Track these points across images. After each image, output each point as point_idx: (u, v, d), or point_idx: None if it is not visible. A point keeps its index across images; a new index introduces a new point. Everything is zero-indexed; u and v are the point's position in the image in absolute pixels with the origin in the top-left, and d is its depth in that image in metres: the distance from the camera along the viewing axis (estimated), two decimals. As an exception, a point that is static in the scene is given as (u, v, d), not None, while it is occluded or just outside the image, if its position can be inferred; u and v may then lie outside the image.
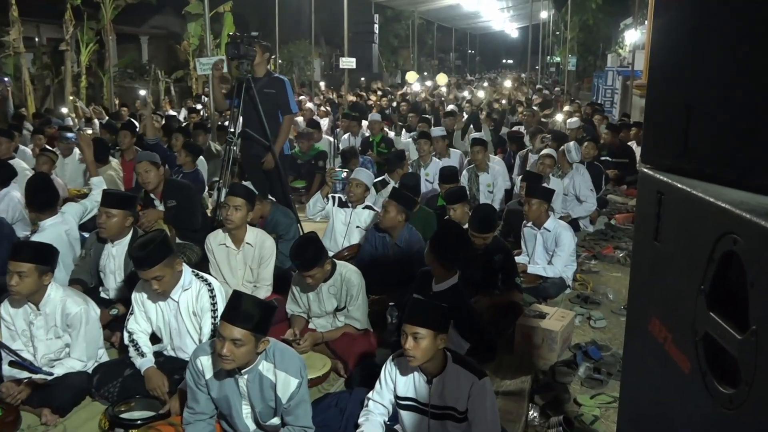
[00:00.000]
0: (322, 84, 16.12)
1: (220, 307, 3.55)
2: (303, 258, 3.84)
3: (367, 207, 5.82)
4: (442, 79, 19.23)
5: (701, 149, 1.24)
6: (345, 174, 5.85)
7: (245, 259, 4.55)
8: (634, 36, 16.67)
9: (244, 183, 5.20)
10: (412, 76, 20.21)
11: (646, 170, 1.39)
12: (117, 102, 15.26)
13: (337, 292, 4.03)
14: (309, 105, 13.78)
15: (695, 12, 1.27)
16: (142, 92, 17.60)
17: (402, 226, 4.96)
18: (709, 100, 1.22)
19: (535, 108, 13.12)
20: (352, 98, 16.75)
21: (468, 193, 7.12)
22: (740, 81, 1.12)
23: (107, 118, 11.65)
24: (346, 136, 10.55)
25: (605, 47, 32.80)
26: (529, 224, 5.52)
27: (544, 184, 6.34)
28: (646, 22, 15.67)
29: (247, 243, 4.54)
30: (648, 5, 13.57)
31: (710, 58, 1.22)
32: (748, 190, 1.10)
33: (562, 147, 7.39)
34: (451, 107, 12.88)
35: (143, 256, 3.35)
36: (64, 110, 14.49)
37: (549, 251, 5.42)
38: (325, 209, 5.90)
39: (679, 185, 1.23)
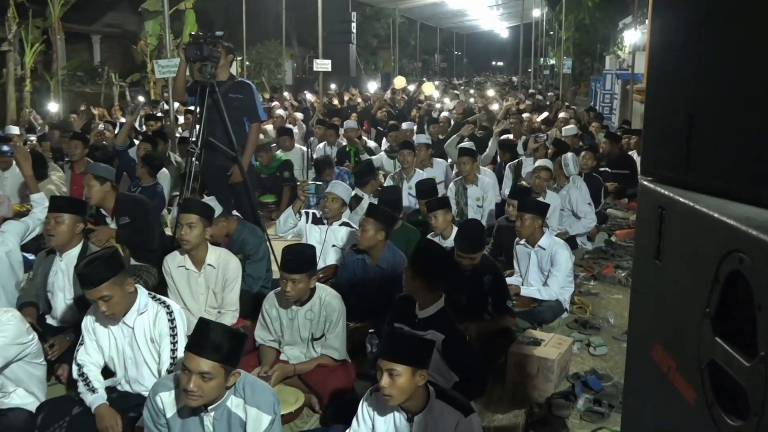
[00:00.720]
0: (307, 94, 16.17)
1: (181, 332, 3.53)
2: (296, 256, 3.84)
3: (345, 224, 5.83)
4: (428, 88, 19.19)
5: (705, 161, 1.26)
6: (320, 186, 5.87)
7: (207, 282, 4.52)
8: (633, 36, 16.96)
9: (205, 197, 5.18)
10: (400, 82, 20.16)
11: (646, 183, 1.41)
12: (62, 108, 15.12)
13: (315, 317, 4.01)
14: (280, 112, 13.80)
15: (698, 11, 1.29)
16: (141, 98, 17.58)
17: (383, 245, 4.97)
18: (713, 107, 1.24)
19: (526, 114, 13.22)
20: (336, 102, 16.86)
21: (456, 207, 7.18)
22: (746, 87, 1.14)
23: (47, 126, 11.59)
24: (321, 145, 10.58)
25: (603, 48, 33.31)
26: (522, 242, 5.56)
27: (540, 199, 6.40)
28: (646, 21, 15.97)
29: (208, 264, 4.51)
30: (648, 3, 13.84)
31: (714, 62, 1.24)
32: (756, 205, 1.11)
33: (559, 158, 7.47)
34: (444, 114, 12.95)
35: (88, 273, 3.32)
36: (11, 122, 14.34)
37: (544, 271, 5.45)
38: (298, 226, 5.89)
39: (681, 199, 1.25)
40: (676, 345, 1.24)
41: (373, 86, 20.28)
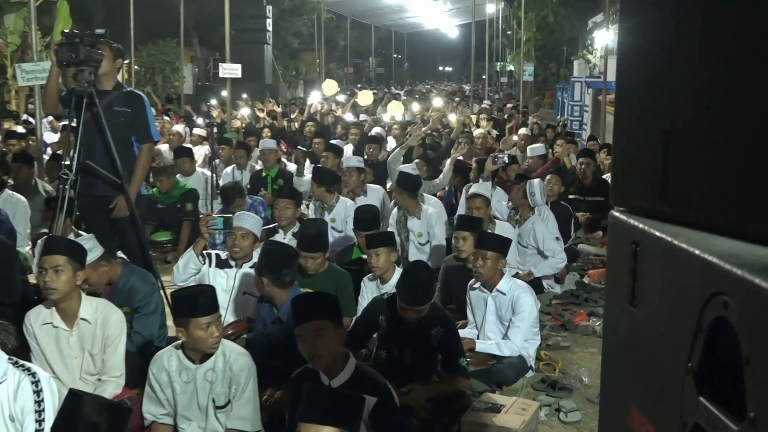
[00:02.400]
0: (213, 101, 16.07)
1: (49, 407, 3.43)
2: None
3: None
4: (365, 97, 19.28)
5: (685, 188, 1.30)
6: (229, 220, 5.81)
7: (82, 342, 4.41)
8: (605, 38, 17.44)
9: (81, 235, 5.07)
10: (330, 87, 20.15)
11: (617, 215, 1.44)
12: None
13: (217, 379, 3.96)
14: (177, 128, 13.68)
15: (676, 6, 1.32)
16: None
17: (291, 289, 4.96)
18: (693, 123, 1.26)
19: (480, 131, 13.44)
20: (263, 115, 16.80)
21: (396, 240, 7.23)
22: (733, 99, 1.17)
23: None
24: (229, 169, 10.52)
25: (570, 52, 34.31)
26: (477, 285, 5.63)
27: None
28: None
29: (82, 319, 4.41)
30: (621, -1, 14.30)
31: (694, 70, 1.26)
32: (742, 240, 1.15)
33: (523, 185, 7.57)
34: (376, 130, 13.04)
35: None
36: None
37: (504, 321, 5.52)
38: (201, 271, 5.83)
39: (657, 233, 1.28)
40: (655, 407, 1.26)
41: (315, 96, 20.21)
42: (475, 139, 12.50)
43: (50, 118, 12.57)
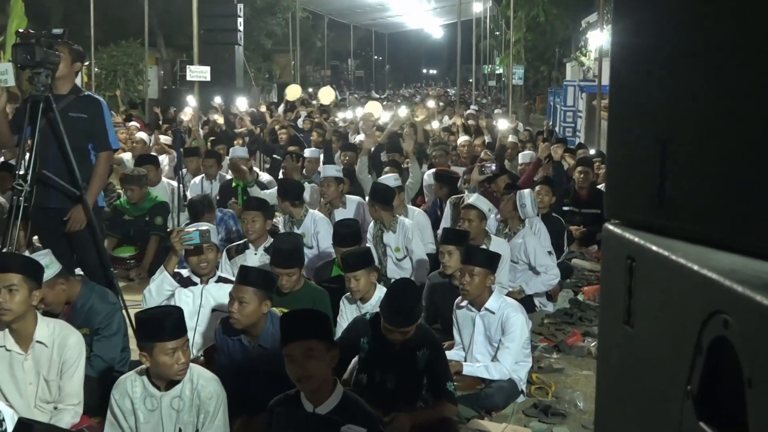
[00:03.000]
0: (188, 109, 15.98)
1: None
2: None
3: (222, 279, 5.83)
4: (327, 95, 19.26)
5: (682, 199, 1.31)
6: (205, 233, 5.75)
7: (37, 366, 4.38)
8: (600, 39, 17.62)
9: (38, 250, 5.05)
10: (293, 92, 20.13)
11: (611, 228, 1.45)
12: None
13: (185, 407, 3.94)
14: (141, 135, 13.64)
15: (672, 9, 1.33)
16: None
17: (265, 318, 4.88)
18: (690, 131, 1.27)
19: (464, 138, 13.45)
20: (218, 119, 16.73)
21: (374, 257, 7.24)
22: (733, 108, 1.18)
23: None
24: (197, 179, 10.48)
25: (563, 53, 34.50)
26: (464, 303, 5.63)
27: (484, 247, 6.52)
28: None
29: (38, 342, 4.38)
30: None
31: (692, 75, 1.27)
32: (744, 254, 1.15)
33: (512, 195, 7.60)
34: (359, 138, 13.03)
35: None
36: None
37: (493, 342, 5.53)
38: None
39: (654, 248, 1.29)
40: (653, 434, 1.27)
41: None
42: (459, 147, 12.52)
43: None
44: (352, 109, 20.70)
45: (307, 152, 11.36)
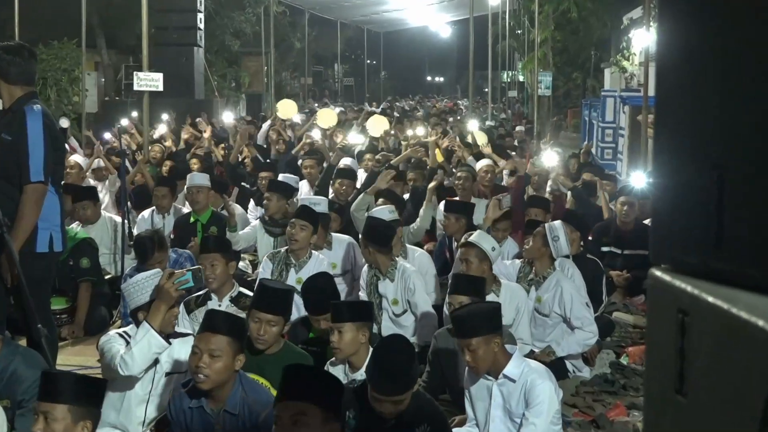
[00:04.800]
0: (124, 121, 15.98)
1: None
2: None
3: (178, 335, 5.84)
4: (327, 118, 18.94)
5: (745, 238, 1.30)
6: (198, 273, 5.72)
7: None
8: (646, 39, 17.64)
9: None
10: (287, 109, 19.90)
11: (658, 275, 1.46)
12: None
13: None
14: (77, 158, 13.65)
15: (733, 8, 1.33)
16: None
17: (235, 378, 4.92)
18: (754, 157, 1.28)
19: (485, 162, 13.42)
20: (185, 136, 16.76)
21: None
22: None
23: None
24: (146, 213, 10.47)
25: (600, 57, 34.67)
26: (479, 369, 5.62)
27: (492, 297, 6.51)
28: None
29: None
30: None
31: (757, 87, 1.28)
32: None
33: (540, 230, 7.58)
34: (345, 162, 13.01)
35: None
36: None
37: (515, 417, 5.50)
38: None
39: (711, 299, 1.29)
40: None
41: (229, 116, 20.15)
42: (478, 174, 12.51)
43: None
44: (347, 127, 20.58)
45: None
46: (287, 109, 19.51)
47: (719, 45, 1.36)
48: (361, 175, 12.64)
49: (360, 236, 7.72)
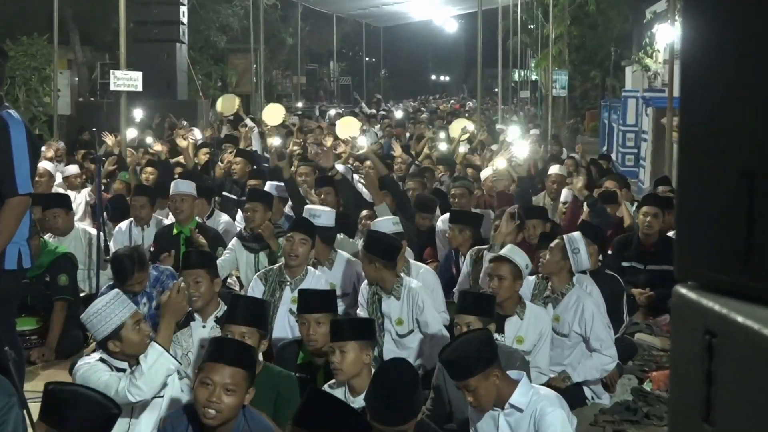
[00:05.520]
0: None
1: None
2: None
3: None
4: (349, 127, 18.55)
5: None
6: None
7: None
8: (671, 34, 17.67)
9: None
10: (272, 114, 19.72)
11: (683, 292, 1.45)
12: None
13: None
14: (46, 165, 13.63)
15: (759, 2, 1.34)
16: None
17: (238, 412, 4.90)
18: None
19: (491, 170, 13.39)
20: (159, 147, 16.71)
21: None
22: None
23: None
24: (124, 225, 10.43)
25: (621, 54, 34.69)
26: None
27: (513, 318, 6.50)
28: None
29: None
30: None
31: None
32: None
33: (559, 242, 7.54)
34: (339, 169, 12.98)
35: None
36: None
37: (525, 450, 5.49)
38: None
39: (740, 319, 1.29)
40: None
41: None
42: (484, 183, 12.47)
43: None
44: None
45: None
46: (273, 115, 19.46)
47: (750, 40, 1.36)
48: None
49: (361, 250, 7.61)
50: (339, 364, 5.58)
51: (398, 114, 35.65)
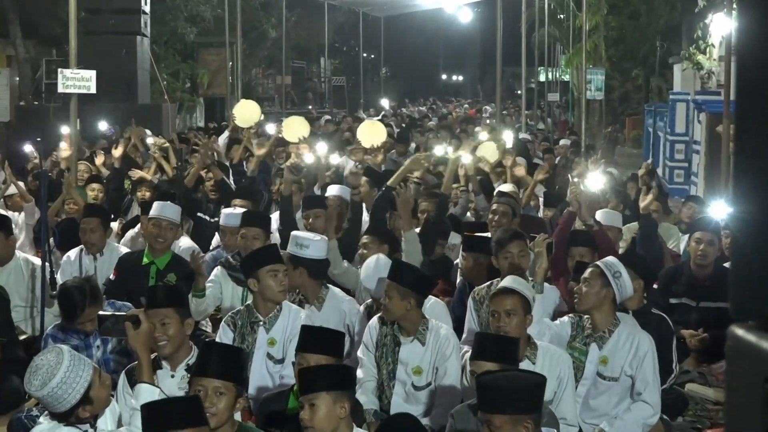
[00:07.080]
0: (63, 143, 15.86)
1: None
2: None
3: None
4: (373, 133, 18.12)
5: None
6: None
7: None
8: (728, 26, 17.74)
9: None
10: (247, 114, 19.61)
11: (740, 334, 1.47)
12: None
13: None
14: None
15: None
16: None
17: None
18: None
19: (508, 187, 13.47)
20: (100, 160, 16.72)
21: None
22: None
23: None
24: (73, 253, 10.44)
25: (668, 50, 34.73)
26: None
27: (528, 366, 6.50)
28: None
29: None
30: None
31: None
32: None
33: (596, 269, 7.53)
34: (333, 193, 13.00)
35: None
36: None
37: None
38: None
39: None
40: None
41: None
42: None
43: None
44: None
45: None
46: (247, 114, 19.02)
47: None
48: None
49: (391, 283, 7.34)
50: (309, 422, 5.55)
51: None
